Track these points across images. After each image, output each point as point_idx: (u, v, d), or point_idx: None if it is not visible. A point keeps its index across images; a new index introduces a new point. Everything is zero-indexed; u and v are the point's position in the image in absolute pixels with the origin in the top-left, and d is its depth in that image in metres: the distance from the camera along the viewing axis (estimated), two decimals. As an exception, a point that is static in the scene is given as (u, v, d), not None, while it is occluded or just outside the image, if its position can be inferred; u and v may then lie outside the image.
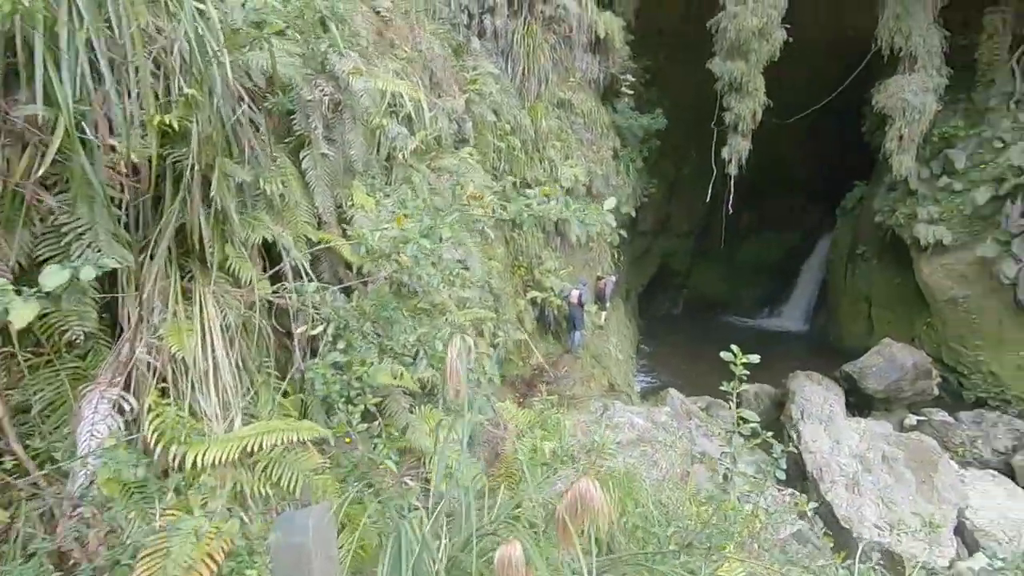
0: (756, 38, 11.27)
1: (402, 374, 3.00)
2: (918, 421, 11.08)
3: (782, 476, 2.92)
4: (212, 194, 2.75)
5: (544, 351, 10.00)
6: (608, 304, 12.28)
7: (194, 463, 2.61)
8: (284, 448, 3.05)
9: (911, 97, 11.56)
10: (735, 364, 2.38)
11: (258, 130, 3.90)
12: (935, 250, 12.83)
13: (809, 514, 7.14)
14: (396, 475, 3.48)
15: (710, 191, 13.30)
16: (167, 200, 2.86)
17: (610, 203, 2.98)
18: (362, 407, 2.76)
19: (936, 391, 11.71)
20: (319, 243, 4.19)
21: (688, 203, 19.00)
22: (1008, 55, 12.37)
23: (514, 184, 10.55)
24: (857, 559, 2.87)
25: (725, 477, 2.54)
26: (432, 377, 4.06)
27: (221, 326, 3.01)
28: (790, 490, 8.66)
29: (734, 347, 2.38)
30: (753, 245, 20.27)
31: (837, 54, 14.10)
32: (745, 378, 2.61)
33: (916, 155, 12.61)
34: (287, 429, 2.77)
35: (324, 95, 4.21)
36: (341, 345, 2.79)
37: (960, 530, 8.12)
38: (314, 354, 3.27)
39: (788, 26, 11.58)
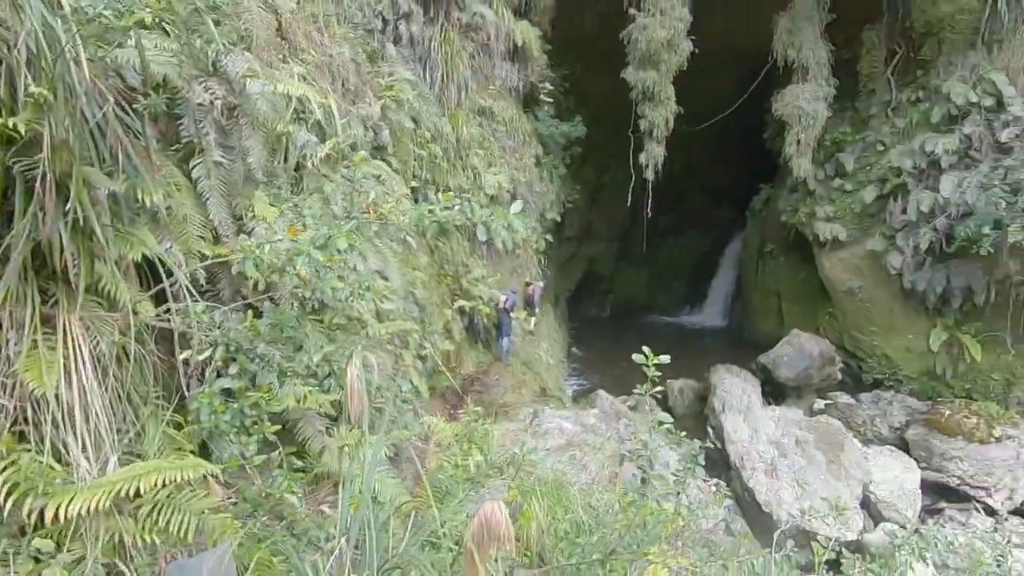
0: (665, 49, 11.78)
1: (306, 396, 2.76)
2: (825, 405, 11.91)
3: (702, 473, 2.97)
4: (69, 206, 2.42)
5: (475, 360, 9.87)
6: (537, 310, 12.34)
7: (56, 516, 2.26)
8: (174, 488, 2.73)
9: (805, 105, 12.50)
10: (647, 366, 2.37)
11: (138, 137, 3.53)
12: (833, 246, 13.90)
13: (729, 503, 7.44)
14: (308, 505, 3.23)
15: (630, 196, 13.72)
16: (17, 215, 2.49)
17: (516, 207, 2.89)
18: (259, 436, 2.51)
19: (839, 376, 12.64)
20: (215, 259, 3.85)
21: (610, 208, 19.56)
22: (884, 67, 13.67)
23: (436, 192, 10.38)
24: (773, 548, 2.95)
25: (643, 481, 2.53)
26: (344, 397, 3.83)
27: (92, 355, 2.65)
28: (715, 480, 9.01)
29: (645, 349, 2.38)
30: (671, 248, 21.16)
31: (739, 66, 15.05)
32: (664, 376, 2.63)
33: (812, 158, 13.63)
34: (170, 468, 2.47)
35: (215, 99, 3.89)
36: (233, 370, 2.52)
37: (866, 503, 8.76)
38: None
39: (694, 38, 12.20)
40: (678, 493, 2.65)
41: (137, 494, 2.63)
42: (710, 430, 9.93)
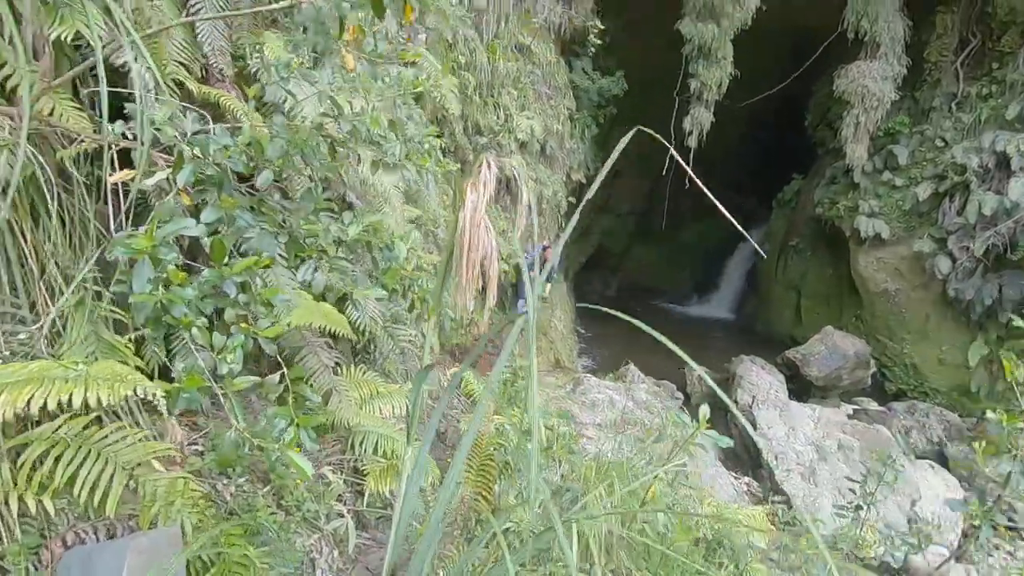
0: (730, 0, 10.53)
1: (329, 288, 1.60)
2: (854, 410, 11.02)
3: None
4: None
5: (488, 319, 8.79)
6: (554, 275, 11.25)
7: None
8: (91, 420, 1.59)
9: (871, 84, 11.37)
10: None
11: None
12: (872, 243, 12.93)
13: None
14: (317, 466, 2.09)
15: (668, 162, 12.54)
16: None
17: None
18: (245, 342, 1.35)
19: (869, 381, 11.77)
20: (204, 102, 2.65)
21: (632, 182, 18.37)
22: (954, 57, 12.56)
23: (464, 130, 9.20)
24: None
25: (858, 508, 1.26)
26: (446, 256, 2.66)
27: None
28: (746, 478, 8.10)
29: None
30: (689, 232, 20.10)
31: (789, 38, 13.82)
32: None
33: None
34: (61, 378, 1.29)
35: None
36: (209, 215, 1.35)
37: (911, 522, 7.89)
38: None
39: (757, -1, 10.95)
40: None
41: (24, 427, 1.48)
42: (742, 418, 8.95)
